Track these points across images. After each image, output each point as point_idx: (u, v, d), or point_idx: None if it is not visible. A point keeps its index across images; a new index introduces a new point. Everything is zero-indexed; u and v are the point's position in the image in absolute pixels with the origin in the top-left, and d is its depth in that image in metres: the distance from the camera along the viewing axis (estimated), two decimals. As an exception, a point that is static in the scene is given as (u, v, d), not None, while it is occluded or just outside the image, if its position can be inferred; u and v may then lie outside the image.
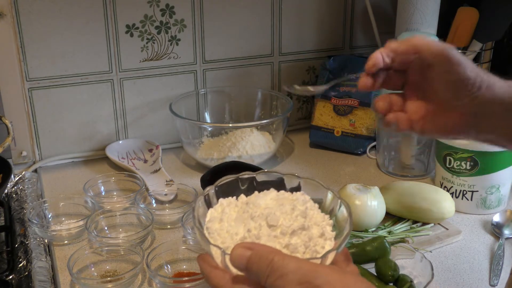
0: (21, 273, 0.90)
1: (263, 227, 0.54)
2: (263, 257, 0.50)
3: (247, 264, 0.50)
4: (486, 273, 0.88)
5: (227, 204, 0.58)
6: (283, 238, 0.53)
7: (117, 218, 0.99)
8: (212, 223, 0.56)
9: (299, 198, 0.58)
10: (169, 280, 0.84)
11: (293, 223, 0.54)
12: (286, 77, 1.37)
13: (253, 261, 0.50)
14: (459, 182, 1.02)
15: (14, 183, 1.13)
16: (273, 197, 0.58)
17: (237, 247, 0.51)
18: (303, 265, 0.49)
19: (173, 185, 1.09)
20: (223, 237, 0.55)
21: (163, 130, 1.29)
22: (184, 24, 1.23)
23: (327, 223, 0.56)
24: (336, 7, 1.36)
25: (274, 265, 0.49)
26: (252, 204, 0.57)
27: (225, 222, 0.56)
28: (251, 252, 0.50)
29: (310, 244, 0.53)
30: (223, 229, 0.55)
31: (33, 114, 1.18)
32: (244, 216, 0.56)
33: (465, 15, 1.22)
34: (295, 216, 0.55)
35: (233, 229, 0.55)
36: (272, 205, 0.57)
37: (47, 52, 1.15)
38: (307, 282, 0.48)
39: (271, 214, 0.54)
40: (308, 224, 0.55)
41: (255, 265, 0.50)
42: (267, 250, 0.51)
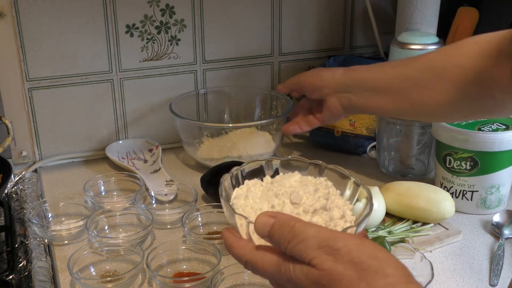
0: (21, 273, 0.90)
1: (286, 204, 0.56)
2: (285, 224, 0.52)
3: (270, 230, 0.52)
4: (486, 273, 0.88)
5: (252, 184, 0.61)
6: (305, 216, 0.55)
7: (117, 218, 0.99)
8: (238, 200, 0.58)
9: (322, 182, 0.60)
10: (169, 280, 0.84)
11: (315, 202, 0.56)
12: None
13: (275, 227, 0.52)
14: (459, 182, 1.02)
15: (14, 183, 1.13)
16: (297, 179, 0.61)
17: (261, 215, 0.53)
18: (323, 231, 0.51)
19: (173, 185, 1.09)
20: (248, 212, 0.57)
21: (163, 130, 1.29)
22: (184, 24, 1.23)
23: (348, 207, 0.58)
24: (336, 7, 1.36)
25: (295, 231, 0.51)
26: (276, 183, 0.59)
27: (250, 199, 0.58)
28: (274, 219, 0.52)
29: (330, 224, 0.55)
30: (248, 205, 0.58)
31: (33, 114, 1.18)
32: (268, 194, 0.58)
33: (465, 15, 1.22)
34: (318, 197, 0.57)
35: (257, 205, 0.57)
36: (296, 185, 0.59)
37: (47, 52, 1.15)
38: (327, 245, 0.50)
39: (295, 193, 0.56)
40: (330, 206, 0.56)
41: (277, 231, 0.52)
42: (289, 217, 0.52)
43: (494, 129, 0.99)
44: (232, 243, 0.55)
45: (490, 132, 0.98)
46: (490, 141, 0.97)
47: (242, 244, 0.55)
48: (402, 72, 0.91)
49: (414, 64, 0.89)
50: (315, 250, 0.50)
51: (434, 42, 1.08)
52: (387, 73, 0.93)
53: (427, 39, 1.09)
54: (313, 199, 0.56)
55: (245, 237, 0.55)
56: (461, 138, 0.98)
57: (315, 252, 0.50)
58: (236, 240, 0.55)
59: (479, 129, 0.98)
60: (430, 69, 0.86)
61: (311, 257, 0.50)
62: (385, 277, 0.49)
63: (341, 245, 0.50)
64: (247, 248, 0.54)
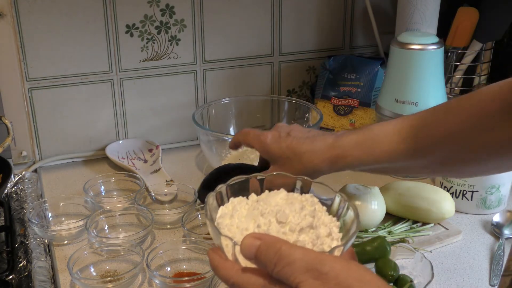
0: (21, 273, 0.90)
1: (272, 223, 0.55)
2: (271, 246, 0.51)
3: (256, 253, 0.52)
4: (486, 273, 0.88)
5: (238, 202, 0.60)
6: (291, 235, 0.55)
7: (117, 218, 0.99)
8: (223, 219, 0.58)
9: (308, 199, 0.59)
10: (169, 280, 0.84)
11: (301, 221, 0.55)
12: (286, 77, 1.37)
13: (261, 249, 0.51)
14: (459, 182, 1.02)
15: (14, 183, 1.13)
16: (283, 196, 0.60)
17: (247, 237, 0.53)
18: (310, 253, 0.51)
19: (173, 185, 1.09)
20: (233, 232, 0.56)
21: (163, 130, 1.29)
22: (184, 24, 1.23)
23: (334, 224, 0.58)
24: (336, 7, 1.36)
25: (281, 254, 0.50)
26: (262, 202, 0.58)
27: (236, 218, 0.57)
28: (260, 241, 0.52)
29: (317, 242, 0.55)
30: (234, 224, 0.57)
31: (33, 114, 1.18)
32: (254, 213, 0.57)
33: (465, 15, 1.22)
34: (304, 215, 0.56)
35: (243, 224, 0.56)
36: (282, 204, 0.58)
37: (47, 52, 1.15)
38: (314, 269, 0.49)
39: (281, 211, 0.56)
40: (316, 224, 0.56)
41: (263, 253, 0.51)
42: (275, 240, 0.52)
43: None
44: (218, 264, 0.54)
45: (490, 132, 0.97)
46: (490, 141, 0.97)
47: (228, 265, 0.54)
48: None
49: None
50: (302, 274, 0.49)
51: (434, 42, 1.08)
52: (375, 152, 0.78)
53: (427, 39, 1.08)
54: (299, 217, 0.56)
55: (231, 258, 0.54)
56: (461, 138, 0.98)
57: (302, 276, 0.49)
58: (222, 261, 0.54)
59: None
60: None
61: (299, 281, 0.50)
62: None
63: (328, 268, 0.49)
64: (233, 270, 0.53)
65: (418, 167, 0.75)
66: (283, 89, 1.38)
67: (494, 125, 0.64)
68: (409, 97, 1.09)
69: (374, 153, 0.74)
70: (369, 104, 1.26)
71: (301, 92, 1.40)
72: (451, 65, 1.26)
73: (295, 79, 1.38)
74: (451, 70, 1.26)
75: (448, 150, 0.69)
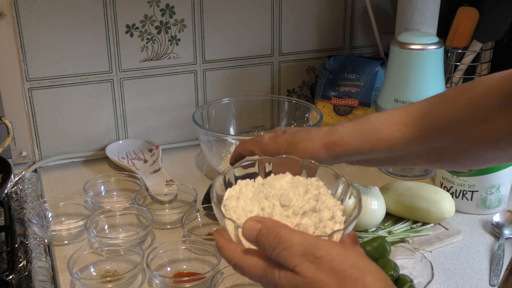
0: (21, 273, 0.90)
1: (276, 206, 0.57)
2: (271, 230, 0.53)
3: (257, 235, 0.54)
4: (486, 273, 0.88)
5: (244, 184, 0.61)
6: (294, 218, 0.56)
7: (117, 218, 0.99)
8: (229, 201, 0.59)
9: (313, 183, 0.61)
10: (169, 280, 0.84)
11: (305, 204, 0.57)
12: (286, 77, 1.37)
13: (262, 233, 0.53)
14: (459, 182, 1.02)
15: (14, 183, 1.13)
16: (288, 180, 0.61)
17: (249, 220, 0.55)
18: (307, 238, 0.53)
19: (173, 185, 1.09)
20: (239, 214, 0.58)
21: (163, 130, 1.29)
22: (184, 24, 1.23)
23: (338, 208, 0.59)
24: (336, 7, 1.36)
25: (280, 238, 0.52)
26: (267, 185, 0.60)
27: (242, 200, 0.59)
28: (261, 225, 0.54)
29: (320, 225, 0.56)
30: (239, 206, 0.59)
31: (33, 114, 1.18)
32: (259, 196, 0.59)
33: (465, 15, 1.22)
34: (308, 199, 0.57)
35: (248, 207, 0.58)
36: (286, 187, 0.59)
37: (47, 52, 1.15)
38: (310, 253, 0.51)
39: (284, 195, 0.57)
40: (320, 207, 0.57)
41: (264, 237, 0.53)
42: (275, 224, 0.54)
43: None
44: (223, 245, 0.57)
45: (490, 132, 0.97)
46: (490, 141, 0.96)
47: (231, 247, 0.56)
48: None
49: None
50: (298, 258, 0.51)
51: (434, 42, 1.08)
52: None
53: (427, 39, 1.08)
54: (302, 201, 0.57)
55: (234, 240, 0.57)
56: (461, 138, 0.98)
57: (298, 259, 0.51)
58: (227, 243, 0.57)
59: None
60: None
61: (295, 264, 0.51)
62: (364, 286, 0.50)
63: (324, 253, 0.51)
64: (236, 251, 0.56)
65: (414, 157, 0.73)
66: (283, 89, 1.38)
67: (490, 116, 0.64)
68: (409, 97, 1.09)
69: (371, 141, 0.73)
70: (369, 104, 1.26)
71: (301, 92, 1.40)
72: (451, 65, 1.26)
73: (295, 79, 1.38)
74: (451, 70, 1.26)
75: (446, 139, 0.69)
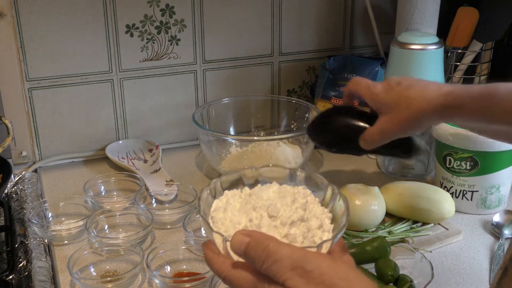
0: (21, 273, 0.90)
1: (264, 217, 0.57)
2: (259, 243, 0.53)
3: (245, 249, 0.53)
4: (486, 273, 0.88)
5: (231, 195, 0.61)
6: (282, 228, 0.56)
7: (117, 218, 0.99)
8: (217, 213, 0.59)
9: (300, 191, 0.61)
10: (169, 280, 0.84)
11: (292, 214, 0.57)
12: (286, 77, 1.37)
13: (250, 246, 0.53)
14: (459, 182, 1.02)
15: (14, 183, 1.13)
16: (275, 190, 0.61)
17: (237, 234, 0.54)
18: (296, 251, 0.52)
19: (173, 185, 1.09)
20: (227, 226, 0.57)
21: (163, 130, 1.29)
22: (184, 24, 1.23)
23: (326, 216, 0.59)
24: (336, 7, 1.36)
25: (269, 251, 0.52)
26: (255, 196, 0.60)
27: (229, 212, 0.59)
28: (250, 238, 0.53)
29: (308, 235, 0.56)
30: (227, 218, 0.58)
31: (33, 114, 1.18)
32: (247, 207, 0.59)
33: (465, 15, 1.22)
34: (295, 208, 0.57)
35: (236, 218, 0.58)
36: (273, 197, 0.59)
37: (47, 52, 1.15)
38: (299, 267, 0.51)
39: (272, 205, 0.57)
40: (308, 216, 0.57)
41: (252, 250, 0.53)
42: (264, 237, 0.54)
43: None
44: (211, 259, 0.56)
45: (490, 132, 0.98)
46: (490, 141, 0.97)
47: (220, 260, 0.56)
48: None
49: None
50: (288, 272, 0.51)
51: (434, 42, 1.08)
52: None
53: (427, 39, 1.08)
54: (290, 210, 0.57)
55: (223, 252, 0.56)
56: (461, 138, 0.98)
57: (288, 273, 0.51)
58: (215, 256, 0.56)
59: None
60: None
61: (285, 278, 0.51)
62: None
63: (314, 266, 0.51)
64: (225, 265, 0.55)
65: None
66: (283, 89, 1.38)
67: None
68: (409, 97, 1.09)
69: (495, 112, 0.66)
70: (369, 104, 1.26)
71: (301, 92, 1.40)
72: (451, 65, 1.26)
73: (295, 79, 1.38)
74: (451, 70, 1.26)
75: None
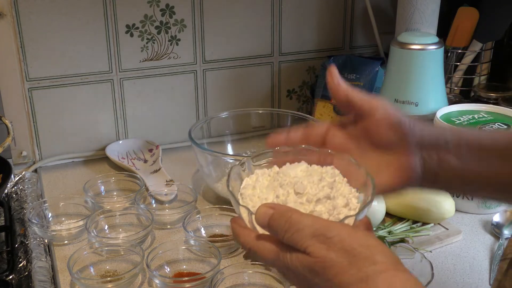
0: (21, 273, 0.90)
1: (290, 194, 0.58)
2: (282, 215, 0.55)
3: (269, 221, 0.55)
4: (486, 273, 0.88)
5: (261, 173, 0.63)
6: (308, 205, 0.57)
7: (117, 218, 0.99)
8: (246, 189, 0.61)
9: (328, 171, 0.61)
10: (169, 280, 0.84)
11: (319, 192, 0.58)
12: (286, 77, 1.37)
13: (274, 217, 0.55)
14: (459, 182, 1.02)
15: (14, 183, 1.13)
16: (303, 168, 0.62)
17: (262, 206, 0.56)
18: (318, 221, 0.54)
19: (173, 185, 1.09)
20: (254, 202, 0.59)
21: (163, 130, 1.29)
22: (184, 24, 1.23)
23: (353, 195, 0.59)
24: (336, 7, 1.36)
25: (292, 221, 0.54)
26: (282, 174, 0.61)
27: (258, 189, 0.61)
28: (273, 210, 0.55)
29: (334, 212, 0.57)
30: (255, 195, 0.60)
31: (33, 114, 1.18)
32: (274, 184, 0.60)
33: (465, 15, 1.22)
34: (322, 186, 0.58)
35: (263, 195, 0.60)
36: (301, 175, 0.61)
37: (47, 52, 1.15)
38: (321, 234, 0.53)
39: (298, 183, 0.59)
40: (334, 195, 0.58)
41: (276, 221, 0.55)
42: (287, 209, 0.56)
43: (495, 128, 0.98)
44: (238, 232, 0.59)
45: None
46: (490, 141, 0.97)
47: (246, 233, 0.58)
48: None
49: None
50: (310, 239, 0.53)
51: (434, 42, 1.08)
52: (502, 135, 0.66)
53: (427, 39, 1.09)
54: (316, 188, 0.58)
55: (249, 226, 0.58)
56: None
57: (310, 240, 0.53)
58: (241, 229, 0.59)
59: (480, 129, 0.98)
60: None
61: (306, 245, 0.53)
62: (374, 264, 0.51)
63: (334, 234, 0.53)
64: (250, 237, 0.58)
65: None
66: (283, 89, 1.38)
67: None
68: (409, 97, 1.09)
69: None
70: (369, 104, 1.25)
71: (301, 92, 1.40)
72: (451, 65, 1.26)
73: (295, 79, 1.38)
74: (451, 70, 1.26)
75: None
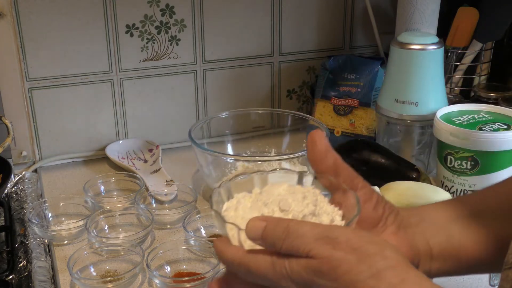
0: (21, 273, 0.90)
1: (275, 212, 0.57)
2: (278, 224, 0.52)
3: (263, 233, 0.51)
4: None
5: (242, 196, 0.62)
6: None
7: (117, 218, 0.99)
8: (228, 212, 0.59)
9: (310, 190, 0.61)
10: (169, 280, 0.84)
11: (304, 209, 0.57)
12: (286, 77, 1.37)
13: (269, 228, 0.51)
14: (460, 182, 1.02)
15: (14, 183, 1.13)
16: (285, 188, 0.61)
17: (253, 220, 0.53)
18: (318, 226, 0.52)
19: (173, 185, 1.09)
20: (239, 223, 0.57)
21: (163, 130, 1.29)
22: (184, 24, 1.23)
23: (337, 213, 0.59)
24: (336, 7, 1.36)
25: (290, 229, 0.51)
26: (265, 193, 0.60)
27: (240, 210, 0.59)
28: (266, 222, 0.52)
29: None
30: (238, 216, 0.58)
31: (33, 114, 1.18)
32: (258, 204, 0.59)
33: (465, 15, 1.22)
34: (306, 204, 0.58)
35: (247, 215, 0.58)
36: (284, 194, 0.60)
37: (47, 52, 1.15)
38: (324, 237, 0.50)
39: (283, 200, 0.58)
40: (319, 212, 0.57)
41: (271, 232, 0.51)
42: (281, 219, 0.53)
43: (495, 128, 0.98)
44: (223, 249, 0.54)
45: (491, 131, 0.98)
46: (491, 141, 0.97)
47: (233, 249, 0.54)
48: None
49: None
50: (313, 242, 0.50)
51: (434, 42, 1.08)
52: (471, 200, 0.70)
53: (427, 39, 1.08)
54: (301, 205, 0.57)
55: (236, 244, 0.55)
56: (462, 138, 0.98)
57: (313, 244, 0.50)
58: (227, 246, 0.54)
59: (480, 129, 0.98)
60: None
61: (309, 249, 0.50)
62: (385, 259, 0.49)
63: (338, 234, 0.50)
64: (239, 252, 0.53)
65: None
66: (283, 89, 1.38)
67: None
68: (409, 97, 1.09)
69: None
70: (369, 104, 1.26)
71: (301, 92, 1.40)
72: (451, 65, 1.26)
73: (295, 79, 1.38)
74: (451, 70, 1.26)
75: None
